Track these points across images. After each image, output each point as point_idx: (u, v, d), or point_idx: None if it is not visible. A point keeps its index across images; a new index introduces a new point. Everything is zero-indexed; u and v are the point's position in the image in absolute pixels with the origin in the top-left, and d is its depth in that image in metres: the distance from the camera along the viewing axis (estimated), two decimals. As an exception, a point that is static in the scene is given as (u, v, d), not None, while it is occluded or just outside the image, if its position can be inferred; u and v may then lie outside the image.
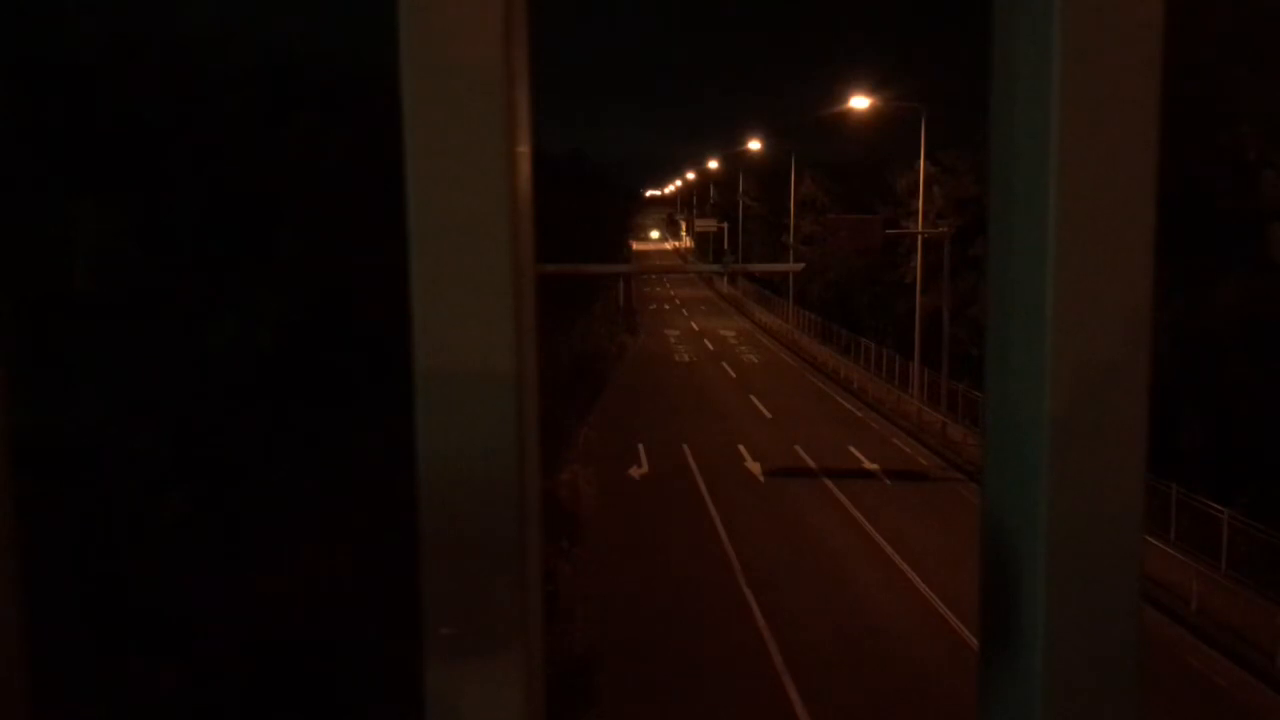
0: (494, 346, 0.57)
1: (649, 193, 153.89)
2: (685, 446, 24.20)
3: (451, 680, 0.58)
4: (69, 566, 8.19)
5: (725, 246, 51.46)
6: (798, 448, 24.18)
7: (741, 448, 24.10)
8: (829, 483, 21.25)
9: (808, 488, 21.03)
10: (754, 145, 56.76)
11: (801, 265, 39.61)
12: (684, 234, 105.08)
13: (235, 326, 10.90)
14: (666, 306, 59.22)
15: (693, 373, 35.69)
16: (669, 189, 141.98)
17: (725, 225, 57.85)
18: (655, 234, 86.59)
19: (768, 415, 28.15)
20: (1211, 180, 19.65)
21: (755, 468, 22.46)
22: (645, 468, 22.66)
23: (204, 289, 11.27)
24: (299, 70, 15.16)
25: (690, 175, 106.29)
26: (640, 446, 24.14)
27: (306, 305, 11.93)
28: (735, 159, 66.53)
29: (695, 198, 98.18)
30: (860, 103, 31.49)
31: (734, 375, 35.13)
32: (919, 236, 29.38)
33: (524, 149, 0.58)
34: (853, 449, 24.30)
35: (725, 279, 64.06)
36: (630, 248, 78.31)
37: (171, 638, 8.76)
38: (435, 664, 0.58)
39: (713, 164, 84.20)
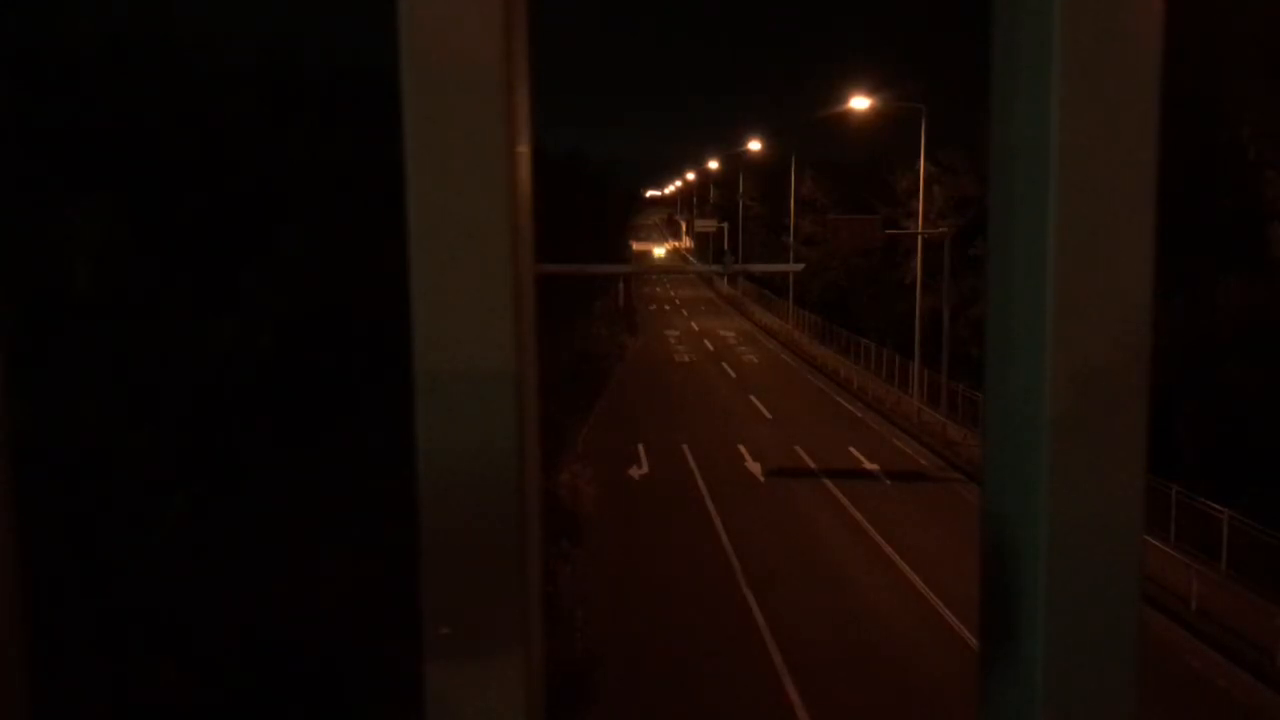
0: (494, 346, 0.57)
1: (649, 193, 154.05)
2: (685, 447, 24.20)
3: (451, 680, 0.58)
4: (69, 566, 8.19)
5: (725, 247, 51.45)
6: (798, 448, 24.18)
7: (741, 448, 24.10)
8: (829, 483, 21.25)
9: (808, 488, 21.03)
10: (754, 145, 56.79)
11: (801, 265, 39.59)
12: (684, 234, 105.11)
13: (235, 326, 10.89)
14: (666, 307, 59.23)
15: (692, 373, 35.69)
16: (669, 189, 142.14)
17: (725, 225, 57.83)
18: (660, 251, 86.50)
19: (768, 415, 28.15)
20: (1212, 180, 19.66)
21: (755, 468, 22.47)
22: (645, 468, 22.66)
23: (204, 289, 11.27)
24: (299, 70, 15.17)
25: (690, 175, 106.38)
26: (640, 446, 24.14)
27: (307, 305, 11.92)
28: (735, 159, 66.60)
29: (695, 198, 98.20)
30: (860, 103, 31.49)
31: (734, 375, 35.13)
32: (919, 236, 29.38)
33: (524, 149, 0.58)
34: (852, 449, 24.30)
35: (725, 279, 64.06)
36: (631, 248, 78.30)
37: (172, 638, 8.75)
38: (435, 664, 0.58)
39: (713, 164, 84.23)
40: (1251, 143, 20.35)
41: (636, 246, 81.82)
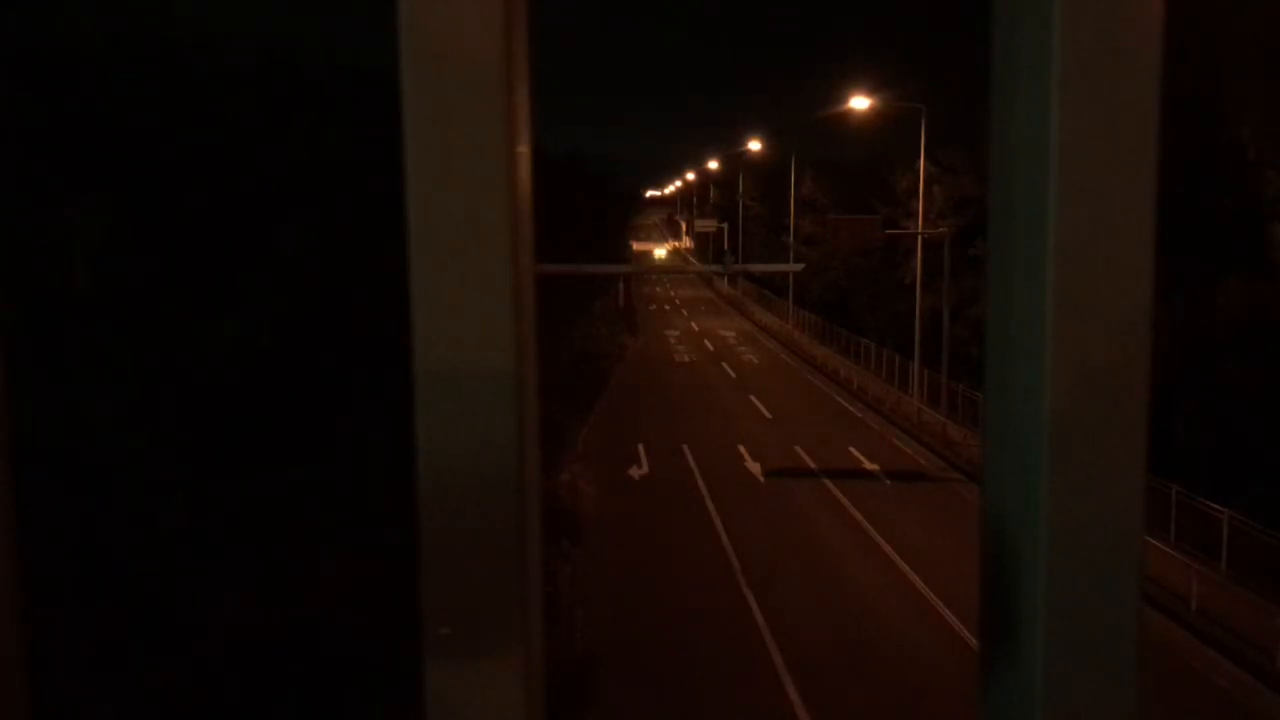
0: (494, 346, 0.57)
1: (649, 193, 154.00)
2: (685, 447, 24.20)
3: (451, 680, 0.58)
4: (69, 567, 8.19)
5: (725, 247, 51.46)
6: (797, 448, 24.17)
7: (741, 448, 24.10)
8: (829, 483, 21.24)
9: (807, 488, 21.03)
10: (754, 145, 56.80)
11: (801, 265, 39.60)
12: (684, 234, 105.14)
13: (235, 326, 10.89)
14: (666, 307, 59.23)
15: (693, 373, 35.69)
16: (669, 189, 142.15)
17: (725, 225, 57.83)
18: (660, 251, 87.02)
19: (768, 415, 28.14)
20: (1212, 180, 19.66)
21: (755, 468, 22.46)
22: (645, 468, 22.66)
23: (204, 289, 11.27)
24: (299, 70, 15.15)
25: (690, 175, 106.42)
26: (640, 447, 24.14)
27: (307, 305, 11.92)
28: (735, 159, 66.61)
29: (695, 198, 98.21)
30: (860, 103, 31.50)
31: (734, 375, 35.13)
32: (919, 236, 29.39)
33: (524, 149, 0.58)
34: (852, 449, 24.29)
35: (725, 279, 64.06)
36: (631, 248, 78.38)
37: (172, 638, 8.76)
38: (435, 664, 0.58)
39: (713, 164, 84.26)
40: (1251, 143, 20.36)
41: (636, 246, 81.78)
